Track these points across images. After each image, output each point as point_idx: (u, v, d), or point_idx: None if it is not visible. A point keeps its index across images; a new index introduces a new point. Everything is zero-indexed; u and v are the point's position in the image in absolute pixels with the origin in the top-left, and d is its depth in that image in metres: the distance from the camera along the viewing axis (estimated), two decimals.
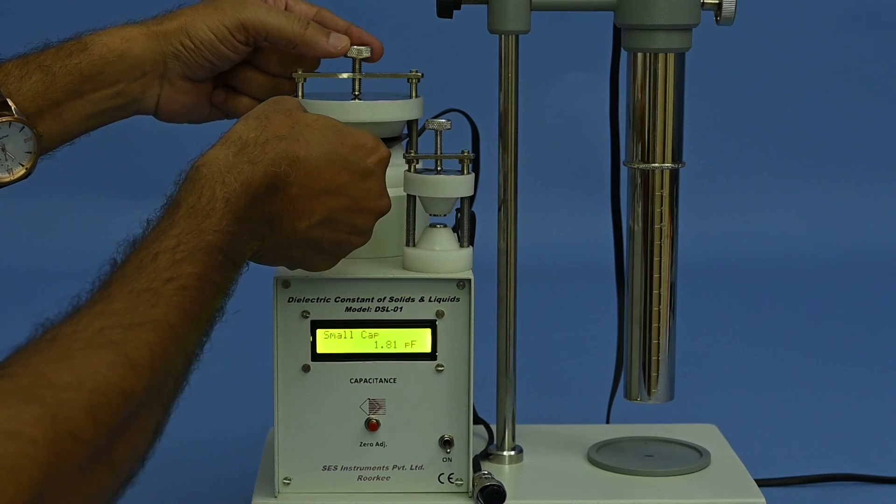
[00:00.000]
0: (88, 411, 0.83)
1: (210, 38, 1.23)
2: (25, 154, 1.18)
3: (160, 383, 0.90)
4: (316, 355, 1.21)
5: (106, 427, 0.84)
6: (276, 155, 1.05)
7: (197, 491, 1.44)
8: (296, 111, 1.10)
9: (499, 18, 1.27)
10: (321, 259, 1.13)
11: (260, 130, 1.06)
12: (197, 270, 0.96)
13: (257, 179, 1.03)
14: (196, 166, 1.03)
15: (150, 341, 0.90)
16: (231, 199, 1.01)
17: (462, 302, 1.21)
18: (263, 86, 1.28)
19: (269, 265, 1.12)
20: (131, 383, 0.86)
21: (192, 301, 0.95)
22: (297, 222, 1.08)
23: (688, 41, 1.26)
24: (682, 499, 1.24)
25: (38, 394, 0.81)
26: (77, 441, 0.81)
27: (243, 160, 1.04)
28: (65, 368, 0.84)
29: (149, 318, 0.91)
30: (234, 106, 1.28)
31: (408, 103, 1.25)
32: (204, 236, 0.98)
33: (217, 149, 1.05)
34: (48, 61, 1.21)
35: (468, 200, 1.23)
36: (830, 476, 1.46)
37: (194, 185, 1.01)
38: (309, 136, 1.08)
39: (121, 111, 1.25)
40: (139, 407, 0.87)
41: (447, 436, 1.23)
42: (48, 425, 0.80)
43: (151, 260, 0.95)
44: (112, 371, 0.85)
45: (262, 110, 1.09)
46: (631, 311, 1.30)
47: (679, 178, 1.29)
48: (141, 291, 0.92)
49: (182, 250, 0.96)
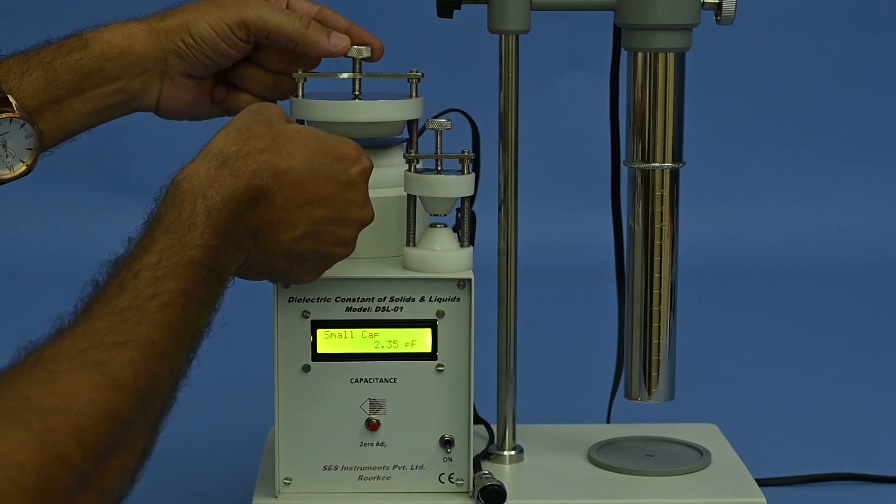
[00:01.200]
0: (76, 435, 0.82)
1: (211, 35, 1.23)
2: (26, 151, 1.18)
3: (146, 403, 0.89)
4: (316, 355, 1.21)
5: (93, 450, 0.83)
6: (258, 167, 1.04)
7: (197, 491, 1.44)
8: (277, 121, 1.09)
9: (499, 18, 1.26)
10: (305, 271, 1.13)
11: (241, 143, 1.05)
12: (180, 286, 0.95)
13: (239, 192, 1.03)
14: (176, 181, 1.01)
15: (135, 360, 0.88)
16: (212, 213, 1.00)
17: (462, 302, 1.21)
18: (264, 83, 1.28)
19: (253, 279, 1.11)
20: (117, 404, 0.85)
21: (175, 317, 0.93)
22: (282, 234, 1.07)
23: (688, 41, 1.26)
24: (683, 498, 1.24)
25: (25, 418, 0.80)
26: (65, 465, 0.81)
27: (225, 173, 1.03)
28: (50, 391, 0.83)
29: (132, 336, 0.89)
30: (234, 103, 1.28)
31: (408, 103, 1.25)
32: (186, 251, 0.97)
33: (197, 162, 1.03)
34: (49, 58, 1.21)
35: (468, 200, 1.23)
36: (830, 476, 1.46)
37: (175, 200, 1.00)
38: (291, 148, 1.07)
39: (121, 108, 1.25)
40: (126, 428, 0.86)
41: (448, 436, 1.23)
42: (36, 450, 0.79)
43: (133, 277, 0.93)
44: (97, 392, 0.85)
45: (243, 121, 1.08)
46: (631, 311, 1.30)
47: (679, 178, 1.29)
48: (123, 310, 0.91)
49: (164, 266, 0.95)
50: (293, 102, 1.26)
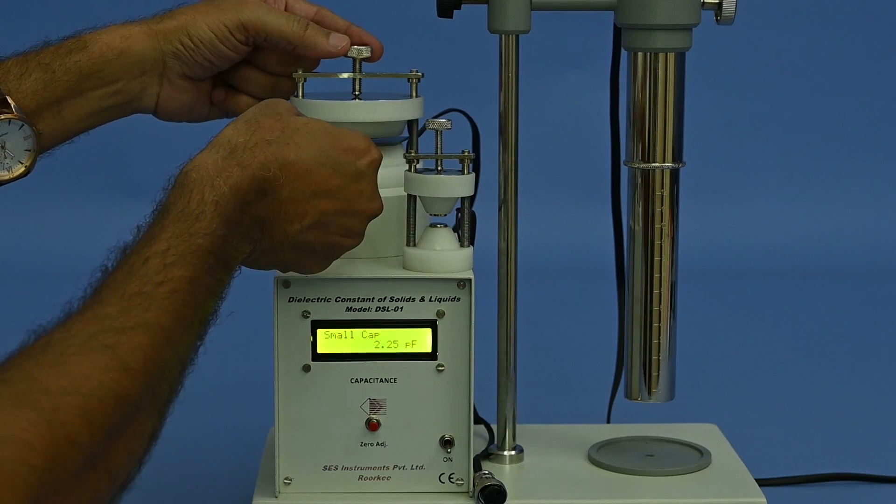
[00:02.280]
0: (84, 416, 0.82)
1: (210, 37, 1.24)
2: (25, 152, 1.18)
3: (154, 387, 0.90)
4: (316, 355, 1.21)
5: (101, 431, 0.84)
6: (265, 159, 1.05)
7: (197, 491, 1.44)
8: (286, 114, 1.09)
9: (499, 18, 1.27)
10: (313, 261, 1.13)
11: (249, 134, 1.06)
12: (188, 274, 0.96)
13: (246, 183, 1.03)
14: (185, 171, 1.03)
15: (143, 344, 0.89)
16: (220, 203, 1.01)
17: (462, 302, 1.21)
18: (263, 84, 1.28)
19: (262, 269, 1.12)
20: (125, 387, 0.86)
21: (184, 304, 0.95)
22: (288, 226, 1.07)
23: (688, 41, 1.26)
24: (683, 498, 1.24)
25: (34, 399, 0.81)
26: (73, 446, 0.81)
27: (232, 164, 1.03)
28: (59, 373, 0.84)
29: (141, 321, 0.91)
30: (233, 104, 1.29)
31: (408, 103, 1.25)
32: (194, 240, 0.98)
33: (206, 153, 1.04)
34: (48, 59, 1.21)
35: (468, 200, 1.23)
36: (830, 476, 1.46)
37: (183, 190, 1.01)
38: (299, 140, 1.08)
39: (120, 109, 1.25)
40: (134, 411, 0.87)
41: (448, 436, 1.23)
42: (44, 430, 0.80)
43: (142, 264, 0.95)
44: (106, 375, 0.85)
45: (253, 114, 1.09)
46: (631, 311, 1.30)
47: (679, 178, 1.29)
48: (132, 295, 0.92)
49: (172, 254, 0.96)
50: (293, 102, 1.26)
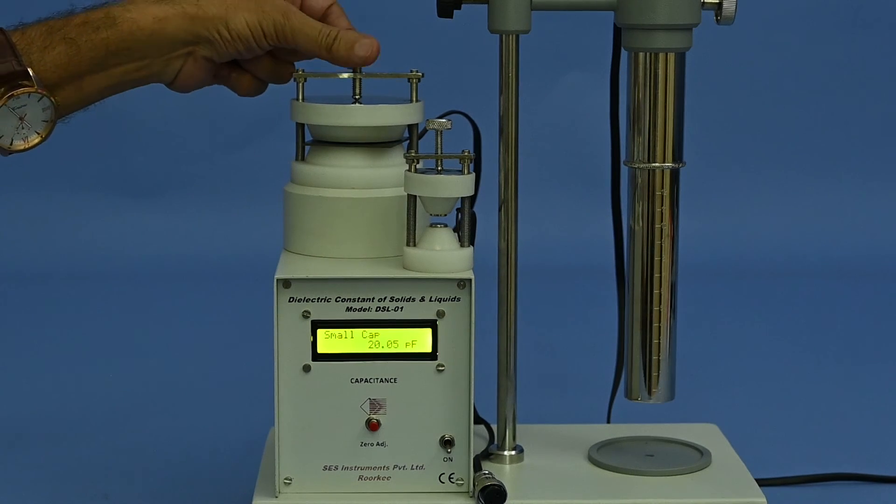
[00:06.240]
0: None
1: (247, 34, 1.25)
2: (42, 122, 1.19)
3: None
4: (316, 355, 1.21)
5: None
6: None
7: (197, 491, 1.44)
8: None
9: (499, 18, 1.27)
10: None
11: None
12: None
13: None
14: None
15: None
16: None
17: (462, 302, 1.21)
18: (270, 69, 1.30)
19: None
20: None
21: None
22: None
23: (688, 41, 1.27)
24: (683, 498, 1.24)
25: None
26: None
27: None
28: None
29: None
30: (237, 81, 1.31)
31: (408, 107, 1.25)
32: None
33: None
34: (73, 33, 1.22)
35: (469, 200, 1.23)
36: (830, 476, 1.46)
37: None
38: None
39: (140, 82, 1.28)
40: None
41: (448, 436, 1.23)
42: None
43: None
44: None
45: None
46: (631, 311, 1.30)
47: (679, 178, 1.29)
48: None
49: None
50: (293, 105, 1.26)
